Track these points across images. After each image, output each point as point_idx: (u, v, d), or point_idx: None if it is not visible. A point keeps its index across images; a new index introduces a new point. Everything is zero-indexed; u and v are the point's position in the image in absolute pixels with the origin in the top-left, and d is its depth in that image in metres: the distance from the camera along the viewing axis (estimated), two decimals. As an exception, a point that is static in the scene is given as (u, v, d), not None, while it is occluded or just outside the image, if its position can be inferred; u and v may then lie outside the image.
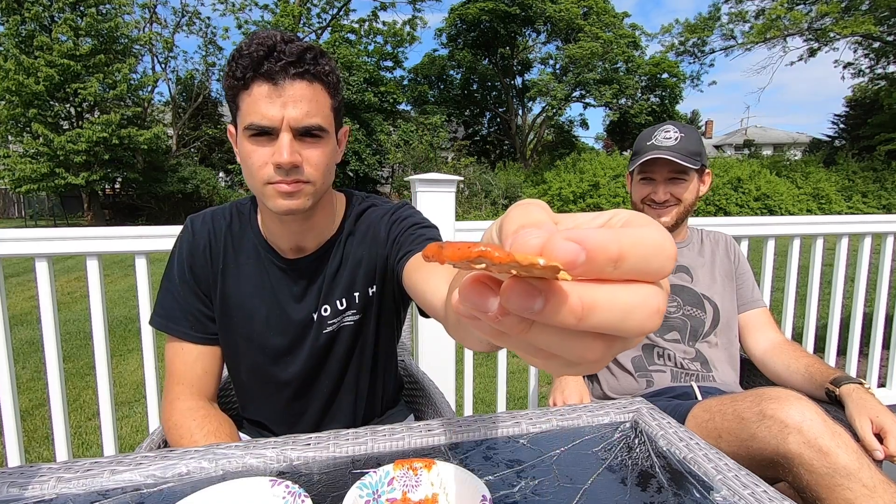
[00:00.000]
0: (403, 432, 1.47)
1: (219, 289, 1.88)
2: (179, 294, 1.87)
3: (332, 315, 1.91)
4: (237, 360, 1.95)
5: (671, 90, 45.85)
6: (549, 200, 31.71)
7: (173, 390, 1.83)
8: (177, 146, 43.82)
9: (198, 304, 1.88)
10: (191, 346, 1.88)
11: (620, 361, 2.69)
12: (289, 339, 1.91)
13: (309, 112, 1.59)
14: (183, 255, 1.89)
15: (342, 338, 1.94)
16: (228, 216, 1.93)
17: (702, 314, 2.71)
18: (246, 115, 1.58)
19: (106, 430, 3.20)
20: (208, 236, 1.89)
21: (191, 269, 1.87)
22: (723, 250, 2.91)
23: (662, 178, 2.67)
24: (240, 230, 1.92)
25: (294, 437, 1.44)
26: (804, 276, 4.40)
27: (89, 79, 32.01)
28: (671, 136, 2.64)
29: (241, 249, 1.90)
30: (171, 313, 1.87)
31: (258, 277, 1.88)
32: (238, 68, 1.55)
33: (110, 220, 37.40)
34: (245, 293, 1.88)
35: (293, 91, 1.56)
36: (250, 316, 1.88)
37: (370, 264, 1.93)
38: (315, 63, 1.59)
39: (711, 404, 2.07)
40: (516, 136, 48.90)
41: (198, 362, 1.88)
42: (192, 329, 1.87)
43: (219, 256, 1.88)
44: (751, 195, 30.20)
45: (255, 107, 1.55)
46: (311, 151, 1.64)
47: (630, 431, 1.56)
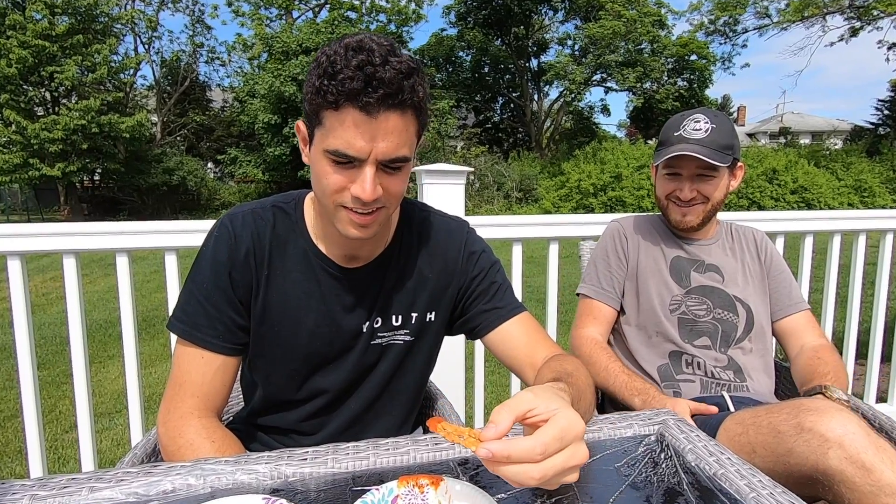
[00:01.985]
0: (408, 446, 1.47)
1: (260, 297, 1.86)
2: (211, 300, 1.82)
3: (382, 328, 1.95)
4: (270, 369, 1.95)
5: (700, 73, 45.72)
6: (568, 193, 31.69)
7: (186, 402, 1.79)
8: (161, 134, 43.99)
9: (231, 312, 1.84)
10: (213, 357, 1.83)
11: (646, 369, 2.69)
12: (336, 349, 1.92)
13: (398, 144, 1.57)
14: (220, 258, 1.83)
15: (388, 355, 1.98)
16: (271, 217, 1.90)
17: (734, 318, 2.69)
18: (330, 136, 1.55)
19: (84, 444, 3.21)
20: (251, 240, 1.85)
21: (229, 276, 1.83)
22: (753, 248, 2.89)
23: (689, 174, 2.65)
24: (285, 233, 1.90)
25: (289, 451, 1.43)
26: (845, 276, 4.37)
27: (66, 61, 32.10)
28: (701, 126, 2.61)
29: (287, 254, 1.88)
30: (197, 320, 1.82)
31: (307, 285, 1.88)
32: (329, 89, 1.50)
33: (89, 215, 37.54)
34: (291, 302, 1.87)
35: (386, 124, 1.54)
36: (295, 325, 1.88)
37: (436, 290, 2.00)
38: (412, 92, 1.55)
39: (745, 417, 2.04)
40: (531, 124, 48.92)
41: (217, 375, 1.84)
42: (220, 339, 1.83)
43: (263, 262, 1.85)
44: (787, 187, 30.12)
45: (342, 133, 1.53)
46: (391, 181, 1.64)
47: (655, 445, 1.55)
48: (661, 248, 2.82)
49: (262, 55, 39.56)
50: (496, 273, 2.07)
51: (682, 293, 2.70)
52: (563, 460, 1.13)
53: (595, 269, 2.90)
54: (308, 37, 35.90)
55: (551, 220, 3.77)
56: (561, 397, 1.25)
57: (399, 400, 2.07)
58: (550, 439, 1.12)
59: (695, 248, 2.81)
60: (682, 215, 2.71)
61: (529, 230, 3.74)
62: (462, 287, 2.03)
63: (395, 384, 2.03)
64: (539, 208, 31.83)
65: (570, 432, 1.14)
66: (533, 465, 1.10)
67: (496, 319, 2.00)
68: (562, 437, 1.13)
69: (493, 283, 2.04)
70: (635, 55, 42.29)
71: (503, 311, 2.01)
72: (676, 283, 2.73)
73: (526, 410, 1.18)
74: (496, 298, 2.03)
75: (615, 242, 2.89)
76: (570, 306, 8.23)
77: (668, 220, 2.80)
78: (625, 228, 2.93)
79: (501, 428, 1.13)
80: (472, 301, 2.04)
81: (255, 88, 37.22)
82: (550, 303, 3.84)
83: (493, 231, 3.59)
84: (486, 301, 2.02)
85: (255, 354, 1.92)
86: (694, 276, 2.74)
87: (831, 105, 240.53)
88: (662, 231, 2.88)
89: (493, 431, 1.12)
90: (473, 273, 2.02)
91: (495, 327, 1.99)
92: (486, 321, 2.01)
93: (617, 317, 2.86)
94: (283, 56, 36.45)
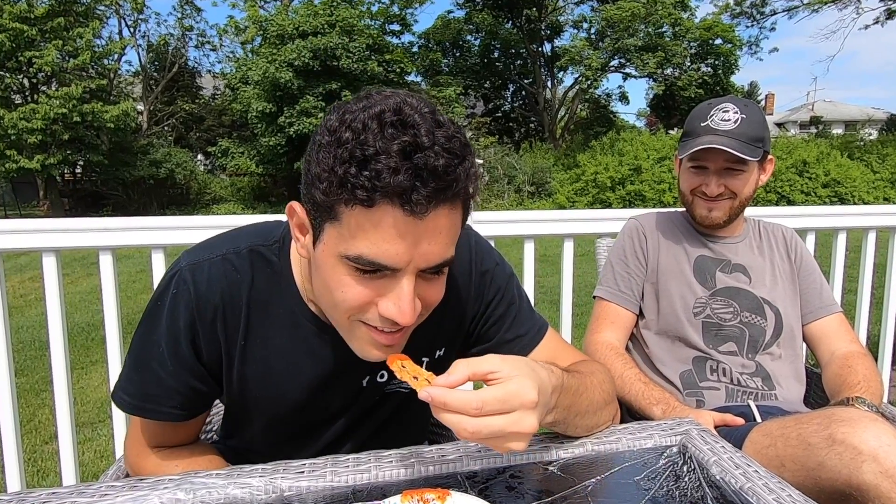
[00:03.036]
0: (413, 458, 1.47)
1: (235, 369, 1.66)
2: (167, 370, 1.60)
3: (388, 381, 1.82)
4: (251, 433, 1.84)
5: (725, 58, 45.61)
6: (583, 187, 31.66)
7: (143, 444, 1.73)
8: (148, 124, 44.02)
9: (193, 381, 1.63)
10: (173, 424, 1.70)
11: (667, 376, 2.69)
12: (333, 408, 1.80)
13: (445, 245, 1.34)
14: (179, 323, 1.57)
15: (388, 404, 1.88)
16: (248, 269, 1.63)
17: (762, 321, 2.68)
18: (354, 240, 1.28)
19: (65, 456, 3.21)
20: (221, 301, 1.59)
21: (191, 343, 1.59)
22: (783, 246, 2.89)
23: (717, 168, 2.64)
24: (267, 290, 1.64)
25: (285, 463, 1.43)
26: (881, 276, 4.36)
27: (46, 45, 32.12)
28: (730, 117, 2.59)
29: (269, 317, 1.65)
30: (148, 393, 1.62)
31: (296, 352, 1.68)
32: (360, 182, 1.21)
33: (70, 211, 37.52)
34: (275, 373, 1.68)
35: (435, 223, 1.28)
36: (281, 396, 1.71)
37: (449, 326, 1.83)
38: (466, 179, 1.29)
39: (772, 428, 2.04)
40: (544, 113, 48.86)
41: (179, 431, 1.74)
42: (178, 409, 1.65)
43: (236, 329, 1.62)
44: (818, 181, 30.05)
45: (375, 238, 1.26)
46: (430, 289, 1.42)
47: (677, 457, 1.55)
48: (683, 247, 2.81)
49: (255, 39, 39.55)
50: (513, 290, 1.91)
51: (707, 295, 2.70)
52: (503, 424, 1.17)
53: (612, 270, 2.90)
54: (305, 19, 35.83)
55: (566, 216, 3.76)
56: (532, 369, 1.27)
57: (405, 434, 1.96)
58: (490, 398, 1.18)
59: (720, 246, 2.80)
60: (708, 211, 2.70)
61: (542, 227, 3.72)
62: (478, 313, 1.86)
63: (396, 430, 1.94)
64: (553, 203, 31.81)
65: (517, 398, 1.19)
66: (468, 418, 1.17)
67: (521, 350, 1.85)
68: (505, 400, 1.18)
69: (512, 305, 1.89)
70: (656, 39, 42.18)
71: (527, 338, 1.87)
72: (700, 284, 2.72)
73: (487, 371, 1.23)
74: (517, 324, 1.88)
75: (634, 241, 2.89)
76: (585, 308, 8.22)
77: (692, 217, 2.80)
78: (644, 226, 2.92)
79: (453, 378, 1.21)
80: (491, 327, 1.88)
81: (248, 75, 37.20)
82: (565, 305, 3.83)
83: (504, 228, 3.58)
84: (507, 328, 1.87)
85: (231, 421, 1.86)
86: (719, 276, 2.73)
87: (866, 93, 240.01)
88: (685, 228, 2.87)
89: (444, 380, 1.19)
90: (489, 296, 1.85)
91: None
92: (511, 353, 1.71)
93: (636, 321, 2.86)
94: (278, 40, 36.40)
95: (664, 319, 2.73)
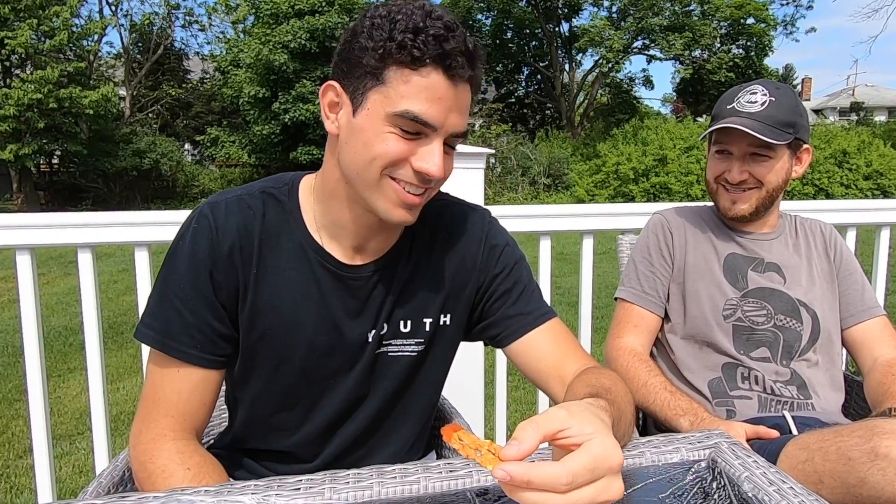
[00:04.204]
0: (418, 473, 1.46)
1: (248, 301, 1.81)
2: (189, 304, 1.75)
3: (389, 335, 1.93)
4: (259, 387, 1.91)
5: (758, 39, 45.58)
6: (604, 179, 31.68)
7: (159, 423, 1.76)
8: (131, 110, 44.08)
9: (211, 318, 1.78)
10: (191, 371, 1.78)
11: (695, 385, 2.68)
12: (337, 362, 1.89)
13: (465, 120, 1.68)
14: (200, 255, 1.75)
15: (396, 368, 1.96)
16: (261, 205, 1.84)
17: (797, 325, 2.67)
18: (406, 98, 1.57)
19: (41, 471, 3.22)
20: (237, 233, 1.78)
21: (210, 275, 1.75)
22: (821, 244, 2.87)
23: (741, 153, 2.63)
24: (278, 224, 1.84)
25: (280, 479, 1.43)
26: (929, 276, 4.37)
27: (19, 25, 32.19)
28: (757, 99, 2.59)
29: (280, 249, 1.83)
30: (171, 328, 1.75)
31: (303, 286, 1.84)
32: (416, 44, 1.53)
33: (46, 205, 37.57)
34: (285, 305, 1.83)
35: (464, 95, 1.65)
36: (291, 333, 1.84)
37: (452, 291, 1.99)
38: (482, 66, 1.68)
39: (810, 441, 2.03)
40: (562, 98, 48.85)
41: (196, 392, 1.80)
42: (198, 349, 1.77)
43: (251, 259, 1.80)
44: (859, 172, 30.03)
45: (421, 96, 1.57)
46: (448, 159, 1.71)
47: (706, 473, 1.55)
48: (712, 244, 2.80)
49: (247, 18, 39.69)
50: (521, 271, 2.05)
51: (738, 296, 2.69)
52: (592, 494, 1.09)
53: (635, 269, 2.88)
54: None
55: (585, 211, 3.76)
56: (600, 418, 1.23)
57: (408, 419, 2.05)
58: (580, 468, 1.08)
59: (752, 243, 2.79)
60: (732, 202, 2.69)
61: (559, 222, 3.73)
62: (482, 286, 2.02)
63: (404, 400, 2.01)
64: (571, 197, 31.82)
65: (605, 463, 1.11)
66: (556, 496, 1.07)
67: (522, 327, 1.99)
68: (594, 468, 1.10)
69: (518, 283, 2.03)
70: (683, 18, 42.16)
71: (530, 318, 1.99)
72: (731, 284, 2.71)
73: (557, 430, 1.14)
74: (522, 301, 2.01)
75: (658, 238, 2.87)
76: (606, 311, 8.21)
77: (717, 208, 2.79)
78: (670, 221, 2.91)
79: (525, 447, 1.08)
80: (495, 302, 2.02)
81: (239, 57, 37.33)
82: (584, 307, 3.83)
83: (518, 223, 3.58)
84: (511, 304, 2.01)
85: (242, 369, 1.89)
86: (751, 276, 2.72)
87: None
88: (714, 224, 2.86)
89: (516, 451, 1.08)
90: (496, 270, 2.01)
91: (520, 336, 1.98)
92: (511, 328, 2.00)
93: (661, 325, 2.85)
94: (272, 19, 36.48)
95: (691, 323, 2.72)
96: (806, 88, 78.02)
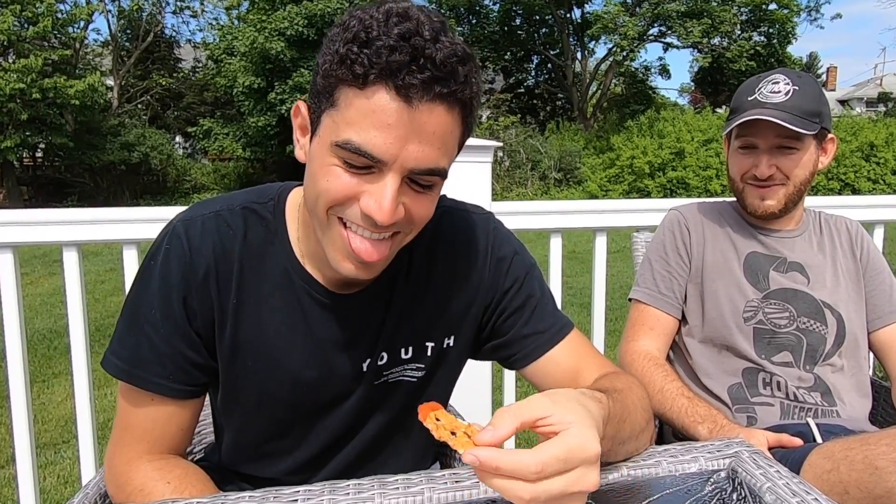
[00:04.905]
0: (422, 484, 1.45)
1: (227, 331, 1.72)
2: (159, 331, 1.66)
3: (389, 364, 1.85)
4: (244, 418, 1.86)
5: (781, 26, 45.45)
6: (618, 174, 31.69)
7: (133, 448, 1.72)
8: (119, 101, 44.05)
9: (185, 347, 1.69)
10: (164, 400, 1.71)
11: (714, 391, 2.68)
12: (328, 396, 1.83)
13: (437, 151, 1.46)
14: (171, 279, 1.66)
15: (396, 394, 1.90)
16: (241, 223, 1.73)
17: (822, 328, 2.67)
18: (346, 124, 1.41)
19: (24, 482, 3.23)
20: (214, 255, 1.68)
21: (183, 302, 1.67)
22: (846, 242, 2.86)
23: (767, 147, 2.61)
24: (260, 246, 1.74)
25: (276, 490, 1.42)
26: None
27: (1, 11, 32.13)
28: (781, 88, 2.58)
29: (263, 275, 1.74)
30: (141, 357, 1.67)
31: (289, 316, 1.75)
32: (358, 59, 1.36)
33: (30, 200, 37.63)
34: (269, 337, 1.74)
35: (428, 119, 1.40)
36: (275, 367, 1.76)
37: (457, 311, 1.90)
38: (466, 83, 1.44)
39: (835, 449, 2.02)
40: (573, 88, 48.82)
41: (172, 419, 1.75)
42: (170, 380, 1.69)
43: (229, 286, 1.70)
44: (887, 166, 30.00)
45: (363, 122, 1.39)
46: (417, 202, 1.53)
47: (726, 483, 1.54)
48: (732, 243, 2.80)
49: (241, 4, 39.67)
50: (533, 281, 1.95)
51: (759, 298, 2.69)
52: (563, 485, 1.14)
53: (650, 268, 2.88)
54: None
55: (598, 207, 3.76)
56: (585, 407, 1.26)
57: (409, 444, 2.01)
58: (551, 458, 1.13)
59: (775, 241, 2.78)
60: (761, 199, 2.67)
61: (571, 219, 3.73)
62: (491, 303, 1.92)
63: (405, 426, 1.96)
64: (583, 192, 31.85)
65: (579, 454, 1.15)
66: (524, 484, 1.12)
67: (538, 347, 1.91)
68: (567, 458, 1.14)
69: (531, 297, 1.93)
70: (701, 4, 42.02)
71: (546, 335, 1.91)
72: (752, 285, 2.71)
73: (537, 418, 1.19)
74: (536, 318, 1.92)
75: (675, 236, 2.87)
76: (620, 313, 8.21)
77: (743, 207, 2.78)
78: (687, 218, 2.90)
79: (500, 433, 1.15)
80: (506, 320, 1.93)
81: (233, 45, 37.32)
82: (597, 308, 3.83)
83: (527, 220, 3.59)
84: (525, 323, 1.92)
85: (224, 399, 1.85)
86: (773, 276, 2.72)
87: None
88: (734, 220, 2.86)
89: (490, 436, 1.14)
90: (505, 285, 1.91)
91: (537, 357, 1.91)
92: (526, 349, 1.92)
93: (678, 327, 2.85)
94: (267, 5, 36.51)
95: (710, 325, 2.72)
96: (831, 78, 77.90)
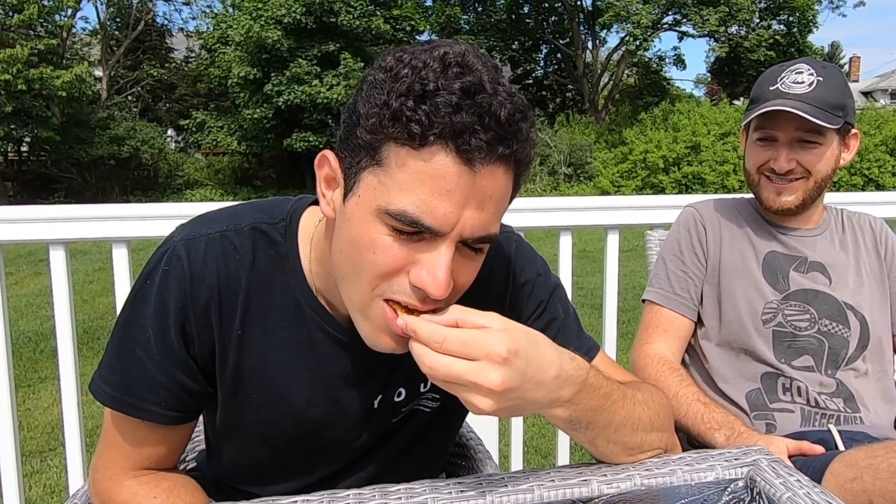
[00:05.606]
0: (426, 493, 1.45)
1: (230, 363, 1.66)
2: (152, 358, 1.59)
3: (408, 399, 1.83)
4: (244, 446, 1.82)
5: (801, 14, 45.41)
6: (631, 169, 31.70)
7: (118, 464, 1.69)
8: (108, 93, 44.05)
9: (180, 374, 1.62)
10: (155, 427, 1.66)
11: (731, 396, 2.67)
12: (335, 434, 1.79)
13: (493, 215, 1.40)
14: (168, 304, 1.58)
15: (410, 425, 1.88)
16: (249, 246, 1.64)
17: (845, 331, 2.66)
18: (399, 189, 1.31)
19: (8, 492, 3.23)
20: (217, 283, 1.60)
21: (181, 329, 1.59)
22: (870, 240, 2.85)
23: (788, 140, 2.60)
24: (270, 273, 1.66)
25: (273, 501, 1.42)
26: None
27: (-16, -2, 32.18)
28: (804, 79, 2.56)
29: (272, 305, 1.66)
30: (131, 384, 1.60)
31: (297, 350, 1.69)
32: (415, 116, 1.25)
33: (15, 197, 37.61)
34: (273, 369, 1.68)
35: (488, 183, 1.33)
36: (280, 402, 1.71)
37: None
38: (527, 140, 1.37)
39: (858, 457, 2.03)
40: (584, 79, 48.77)
41: (162, 442, 1.71)
42: (163, 406, 1.62)
43: (233, 316, 1.63)
44: (914, 161, 29.95)
45: (422, 189, 1.29)
46: (465, 267, 1.46)
47: (744, 493, 1.54)
48: (750, 241, 2.79)
49: (237, -9, 39.64)
50: (556, 304, 1.90)
51: (779, 299, 2.68)
52: (461, 370, 1.27)
53: (665, 268, 2.88)
54: (296, -33, 35.86)
55: (609, 204, 3.76)
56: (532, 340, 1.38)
57: (420, 471, 1.87)
58: (454, 337, 1.29)
59: (795, 240, 2.77)
60: (777, 194, 2.66)
61: (582, 216, 3.71)
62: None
63: (416, 454, 1.94)
64: (594, 188, 31.85)
65: (482, 347, 1.26)
66: (430, 352, 1.29)
67: None
68: (468, 344, 1.26)
69: (554, 320, 1.87)
70: (718, -10, 42.07)
71: None
72: (771, 286, 2.70)
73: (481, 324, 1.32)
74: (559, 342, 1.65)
75: (691, 234, 2.86)
76: (633, 314, 8.16)
77: (759, 201, 2.77)
78: (703, 215, 2.90)
79: (440, 316, 1.34)
80: None
81: (227, 34, 37.32)
82: (609, 310, 3.82)
83: (535, 217, 3.58)
84: None
85: (223, 423, 1.79)
86: (793, 276, 2.71)
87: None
88: (752, 218, 2.85)
89: (430, 315, 1.33)
90: (527, 311, 1.85)
91: None
92: None
93: (693, 330, 2.85)
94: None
95: (727, 328, 2.72)
96: (854, 68, 77.72)
